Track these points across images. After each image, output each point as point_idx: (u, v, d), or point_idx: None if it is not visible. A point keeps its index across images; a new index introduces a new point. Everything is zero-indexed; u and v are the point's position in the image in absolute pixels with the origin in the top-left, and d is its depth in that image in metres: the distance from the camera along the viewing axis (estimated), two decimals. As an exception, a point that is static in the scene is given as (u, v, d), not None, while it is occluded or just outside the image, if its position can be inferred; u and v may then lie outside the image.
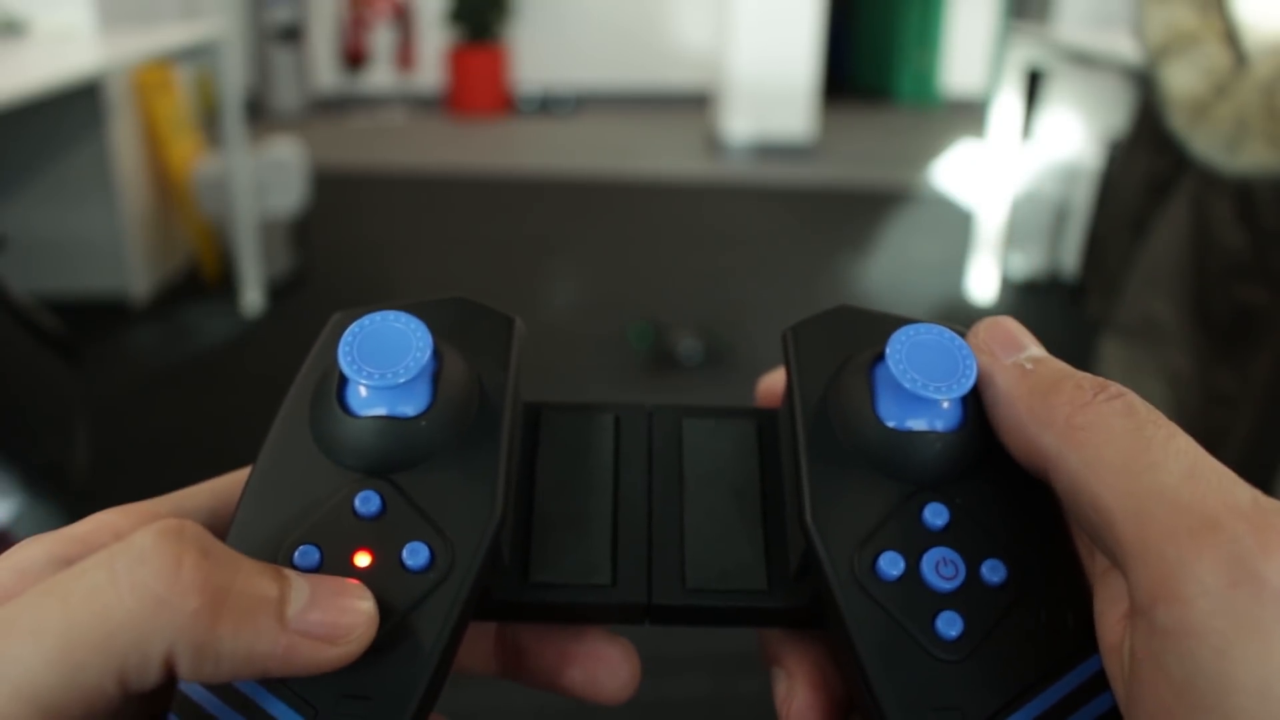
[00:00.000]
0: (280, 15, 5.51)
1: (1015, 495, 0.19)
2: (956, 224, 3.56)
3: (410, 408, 0.19)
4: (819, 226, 3.69)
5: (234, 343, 2.50)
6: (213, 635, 0.15)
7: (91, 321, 2.51)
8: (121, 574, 0.15)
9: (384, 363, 0.19)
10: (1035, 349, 0.20)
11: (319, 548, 0.18)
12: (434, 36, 5.96)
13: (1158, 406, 0.18)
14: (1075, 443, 0.17)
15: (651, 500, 0.22)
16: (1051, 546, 0.19)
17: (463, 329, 0.22)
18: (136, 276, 2.64)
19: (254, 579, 0.16)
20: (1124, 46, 2.11)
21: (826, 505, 0.19)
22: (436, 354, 0.20)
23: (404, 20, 5.98)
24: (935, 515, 0.19)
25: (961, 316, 2.64)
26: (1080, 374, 0.18)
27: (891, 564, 0.18)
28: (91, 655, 0.15)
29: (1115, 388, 0.18)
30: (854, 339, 0.21)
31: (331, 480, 0.19)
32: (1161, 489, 0.15)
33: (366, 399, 0.19)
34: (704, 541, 0.21)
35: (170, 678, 0.16)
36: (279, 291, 2.78)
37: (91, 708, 0.15)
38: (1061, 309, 2.80)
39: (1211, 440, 1.39)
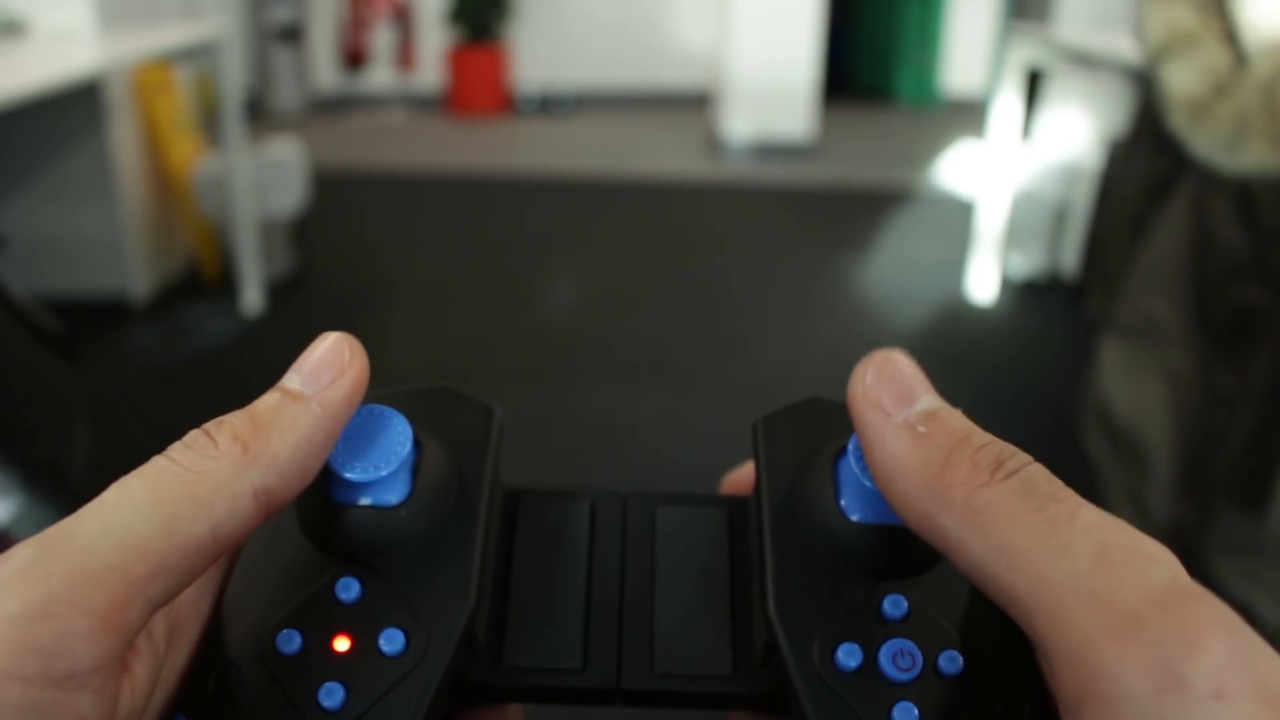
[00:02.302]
0: (280, 15, 5.51)
1: (974, 586, 0.20)
2: (956, 224, 3.56)
3: (391, 497, 0.20)
4: (819, 226, 3.69)
5: (234, 343, 2.50)
6: (270, 450, 0.18)
7: (91, 321, 2.51)
8: (177, 457, 0.18)
9: (366, 456, 0.20)
10: (928, 399, 0.18)
11: (300, 632, 0.19)
12: (434, 36, 5.96)
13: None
14: (977, 526, 0.16)
15: (624, 585, 0.23)
16: (1009, 636, 0.19)
17: (444, 418, 0.23)
18: (136, 276, 2.64)
19: (263, 401, 0.19)
20: (1124, 46, 2.11)
21: (788, 596, 0.19)
22: (417, 444, 0.21)
23: (404, 20, 5.98)
24: (894, 607, 0.19)
25: (961, 316, 2.65)
26: (977, 439, 0.17)
27: (849, 655, 0.18)
28: (181, 508, 0.17)
29: (1012, 461, 0.17)
30: (822, 431, 0.22)
31: (315, 565, 0.20)
32: (1075, 580, 0.15)
33: (349, 489, 0.20)
34: (673, 626, 0.22)
35: (265, 515, 0.18)
36: (279, 291, 2.78)
37: (188, 557, 0.17)
38: (1061, 309, 2.80)
39: (1211, 440, 1.39)
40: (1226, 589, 1.35)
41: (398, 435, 0.20)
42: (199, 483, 0.17)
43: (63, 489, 0.96)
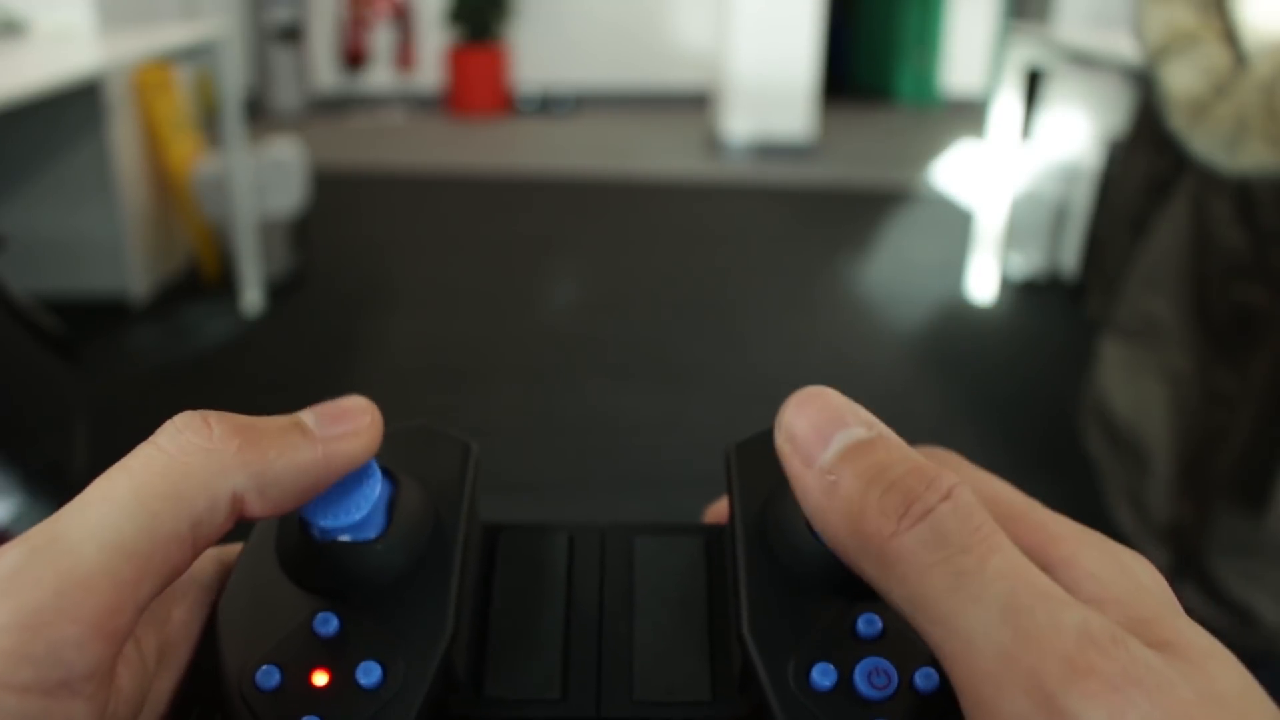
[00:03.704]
0: (280, 15, 5.51)
1: None
2: (956, 224, 3.56)
3: (367, 533, 0.21)
4: (819, 226, 3.69)
5: (234, 343, 2.50)
6: (264, 462, 0.18)
7: (91, 321, 2.51)
8: (166, 444, 0.17)
9: (337, 498, 0.20)
10: (842, 434, 0.18)
11: (279, 667, 0.19)
12: (434, 36, 5.96)
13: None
14: (894, 578, 0.16)
15: (602, 615, 0.23)
16: None
17: (421, 455, 0.23)
18: (136, 276, 2.64)
19: (271, 419, 0.19)
20: (1124, 46, 2.11)
21: (762, 618, 0.19)
22: (394, 481, 0.22)
23: (404, 20, 5.98)
24: (868, 625, 0.19)
25: (961, 316, 2.64)
26: (887, 477, 0.17)
27: (824, 675, 0.19)
28: (164, 504, 0.16)
29: (921, 502, 0.16)
30: None
31: (293, 601, 0.20)
32: (985, 632, 0.15)
33: (326, 525, 0.21)
34: (652, 655, 0.22)
35: (237, 520, 0.18)
36: (279, 291, 2.78)
37: (170, 556, 0.17)
38: (1061, 309, 2.80)
39: (1211, 440, 1.39)
40: (1226, 589, 1.35)
41: (368, 478, 0.20)
42: (184, 477, 0.17)
43: (63, 489, 0.97)
